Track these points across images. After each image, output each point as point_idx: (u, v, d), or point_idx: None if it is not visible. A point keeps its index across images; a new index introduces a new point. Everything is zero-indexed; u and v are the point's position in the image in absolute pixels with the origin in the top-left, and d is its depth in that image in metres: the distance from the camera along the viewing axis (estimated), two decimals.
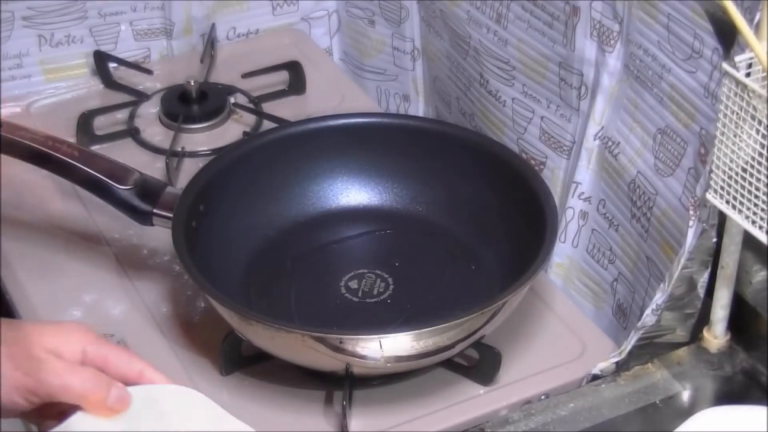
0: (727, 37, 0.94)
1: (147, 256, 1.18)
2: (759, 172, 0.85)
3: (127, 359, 0.82)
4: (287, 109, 1.38)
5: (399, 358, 0.98)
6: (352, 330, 1.01)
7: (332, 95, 1.42)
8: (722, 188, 0.89)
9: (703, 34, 0.98)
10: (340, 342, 0.96)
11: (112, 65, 1.44)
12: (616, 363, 1.02)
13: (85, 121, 1.34)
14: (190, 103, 1.37)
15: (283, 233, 1.17)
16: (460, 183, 1.17)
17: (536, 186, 1.09)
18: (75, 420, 0.79)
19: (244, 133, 1.35)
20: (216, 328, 1.05)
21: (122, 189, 1.09)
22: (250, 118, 1.38)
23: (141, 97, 1.41)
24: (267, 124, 1.34)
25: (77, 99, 1.42)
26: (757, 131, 0.84)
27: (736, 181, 0.87)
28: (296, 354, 1.00)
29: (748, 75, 0.86)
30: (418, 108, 1.50)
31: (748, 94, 0.84)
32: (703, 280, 1.00)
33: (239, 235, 1.13)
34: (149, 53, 1.48)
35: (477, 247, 1.15)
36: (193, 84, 1.37)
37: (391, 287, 1.12)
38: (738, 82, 0.85)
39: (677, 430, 0.87)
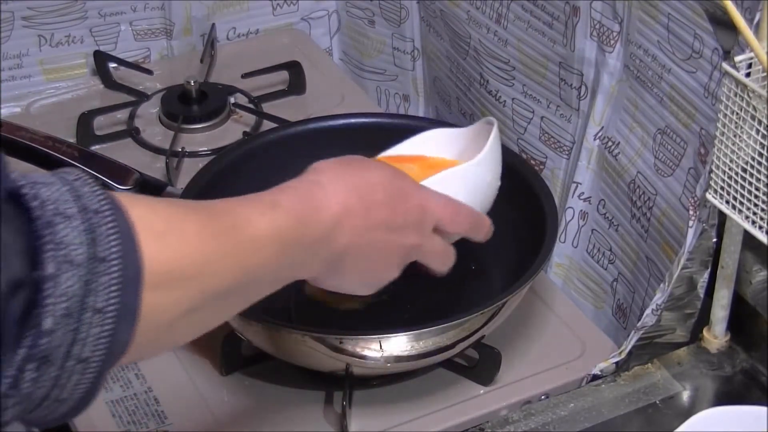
0: (727, 37, 0.94)
1: None
2: (759, 172, 0.85)
3: None
4: (287, 109, 1.38)
5: (399, 358, 0.98)
6: (352, 330, 1.01)
7: (332, 95, 1.42)
8: (722, 188, 0.89)
9: (703, 34, 0.98)
10: (340, 342, 0.96)
11: (112, 65, 1.44)
12: (616, 363, 1.02)
13: (85, 121, 1.34)
14: (190, 103, 1.37)
15: None
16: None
17: (536, 186, 1.09)
18: None
19: (244, 133, 1.35)
20: (216, 328, 1.05)
21: (122, 189, 1.09)
22: (250, 118, 1.38)
23: (141, 97, 1.41)
24: (267, 124, 1.34)
25: (77, 99, 1.42)
26: (757, 131, 0.84)
27: (736, 181, 0.87)
28: (296, 354, 1.00)
29: (748, 75, 0.86)
30: (418, 108, 1.50)
31: (748, 94, 0.84)
32: (703, 280, 1.00)
33: None
34: (149, 53, 1.48)
35: (477, 247, 1.15)
36: (193, 84, 1.37)
37: (391, 287, 1.11)
38: (738, 82, 0.85)
39: (677, 430, 0.87)
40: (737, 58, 0.86)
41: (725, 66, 0.86)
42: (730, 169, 0.88)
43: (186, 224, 0.65)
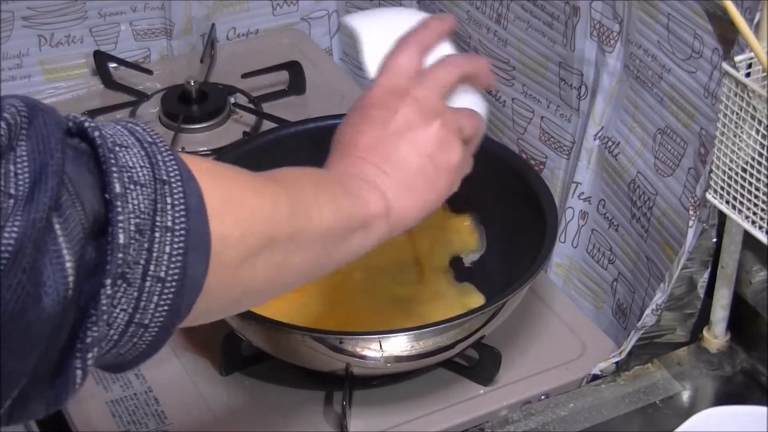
0: (727, 37, 0.94)
1: None
2: (759, 172, 0.85)
3: None
4: (287, 109, 1.38)
5: (399, 358, 0.98)
6: (352, 330, 1.01)
7: (332, 95, 1.42)
8: (722, 188, 0.89)
9: (703, 34, 0.98)
10: (340, 342, 0.96)
11: (112, 65, 1.44)
12: (616, 363, 1.02)
13: None
14: (190, 103, 1.37)
15: None
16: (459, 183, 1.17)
17: (536, 186, 1.09)
18: None
19: (244, 133, 1.35)
20: (216, 328, 1.05)
21: None
22: (250, 118, 1.38)
23: (141, 97, 1.41)
24: (267, 124, 1.34)
25: (77, 99, 1.42)
26: (757, 131, 0.84)
27: (736, 181, 0.87)
28: (296, 354, 1.00)
29: (748, 75, 0.86)
30: None
31: (748, 94, 0.84)
32: (703, 280, 1.00)
33: None
34: (149, 53, 1.48)
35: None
36: (193, 84, 1.37)
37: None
38: (738, 82, 0.85)
39: (677, 430, 0.87)
40: (737, 58, 0.86)
41: (725, 66, 0.86)
42: (730, 169, 0.88)
43: (224, 168, 0.68)
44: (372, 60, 0.89)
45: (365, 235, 0.78)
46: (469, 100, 0.89)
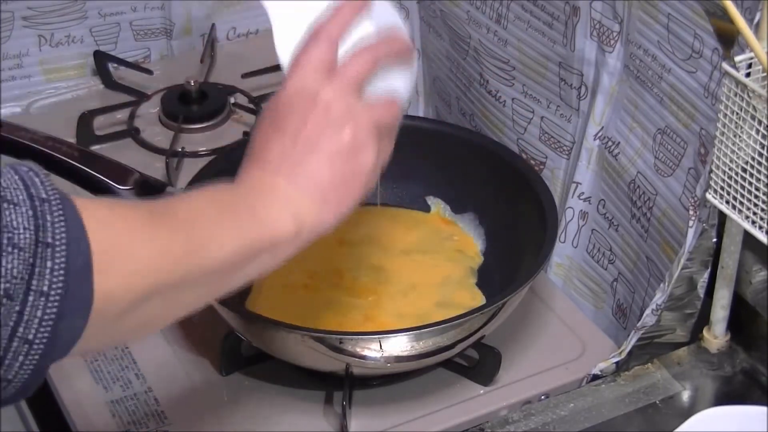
0: (727, 37, 0.94)
1: None
2: (759, 172, 0.85)
3: None
4: None
5: (399, 358, 0.98)
6: (351, 330, 1.01)
7: None
8: (722, 188, 0.89)
9: (703, 34, 0.98)
10: (340, 342, 0.96)
11: (112, 65, 1.44)
12: (616, 363, 1.02)
13: (85, 121, 1.34)
14: (190, 103, 1.37)
15: None
16: (460, 183, 1.17)
17: (536, 186, 1.09)
18: None
19: (244, 133, 1.35)
20: (216, 328, 1.05)
21: (122, 189, 1.09)
22: (250, 118, 1.38)
23: (141, 97, 1.41)
24: None
25: (77, 99, 1.42)
26: (757, 131, 0.84)
27: (736, 181, 0.87)
28: (296, 354, 1.00)
29: (748, 75, 0.86)
30: (418, 108, 1.50)
31: (748, 94, 0.84)
32: (703, 280, 1.00)
33: None
34: (149, 53, 1.48)
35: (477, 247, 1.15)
36: (193, 84, 1.37)
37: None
38: (738, 82, 0.85)
39: (677, 430, 0.87)
40: (737, 58, 0.86)
41: (725, 66, 0.86)
42: (730, 169, 0.88)
43: (119, 214, 0.66)
44: (284, 49, 0.87)
45: (270, 257, 0.76)
46: (391, 79, 0.85)
